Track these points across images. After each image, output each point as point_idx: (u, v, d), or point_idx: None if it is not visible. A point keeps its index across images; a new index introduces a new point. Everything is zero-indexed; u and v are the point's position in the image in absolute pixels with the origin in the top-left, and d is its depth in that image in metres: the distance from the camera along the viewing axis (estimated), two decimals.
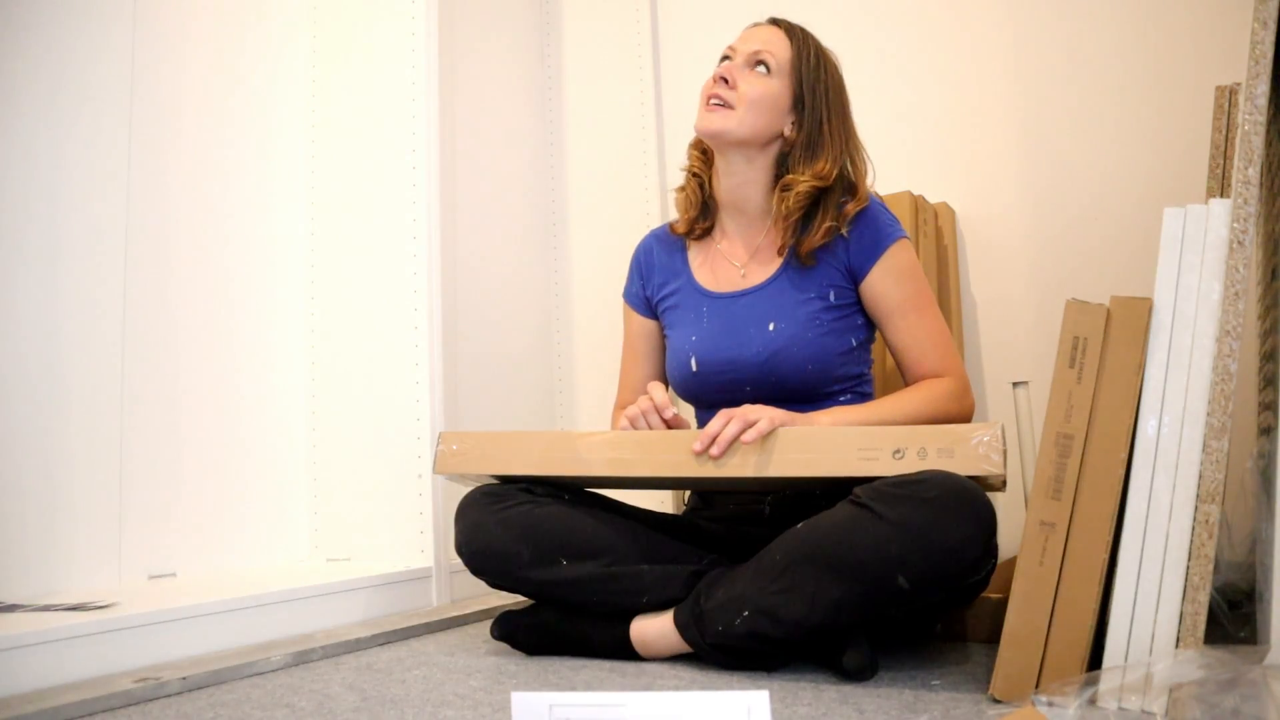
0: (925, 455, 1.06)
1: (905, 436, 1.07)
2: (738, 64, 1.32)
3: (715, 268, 1.39)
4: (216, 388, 1.65)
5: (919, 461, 1.06)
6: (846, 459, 1.10)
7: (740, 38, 1.36)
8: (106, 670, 1.12)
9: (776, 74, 1.31)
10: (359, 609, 1.48)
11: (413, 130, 1.72)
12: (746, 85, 1.30)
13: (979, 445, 1.04)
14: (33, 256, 1.39)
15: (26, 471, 1.35)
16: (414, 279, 1.68)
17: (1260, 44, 0.95)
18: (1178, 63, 1.63)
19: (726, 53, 1.35)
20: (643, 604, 1.20)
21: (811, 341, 1.29)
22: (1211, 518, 0.89)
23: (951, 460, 1.05)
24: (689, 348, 1.36)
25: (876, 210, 1.32)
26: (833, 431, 1.14)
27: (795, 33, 1.35)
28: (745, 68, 1.32)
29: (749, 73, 1.31)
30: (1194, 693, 0.80)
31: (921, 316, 1.29)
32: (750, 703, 0.65)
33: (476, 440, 1.29)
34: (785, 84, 1.31)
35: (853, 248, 1.30)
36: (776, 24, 1.36)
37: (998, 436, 1.04)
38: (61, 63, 1.44)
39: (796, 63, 1.32)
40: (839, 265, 1.31)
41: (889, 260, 1.29)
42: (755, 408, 1.17)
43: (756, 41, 1.33)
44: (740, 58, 1.32)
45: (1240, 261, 0.92)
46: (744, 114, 1.30)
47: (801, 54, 1.33)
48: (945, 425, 1.08)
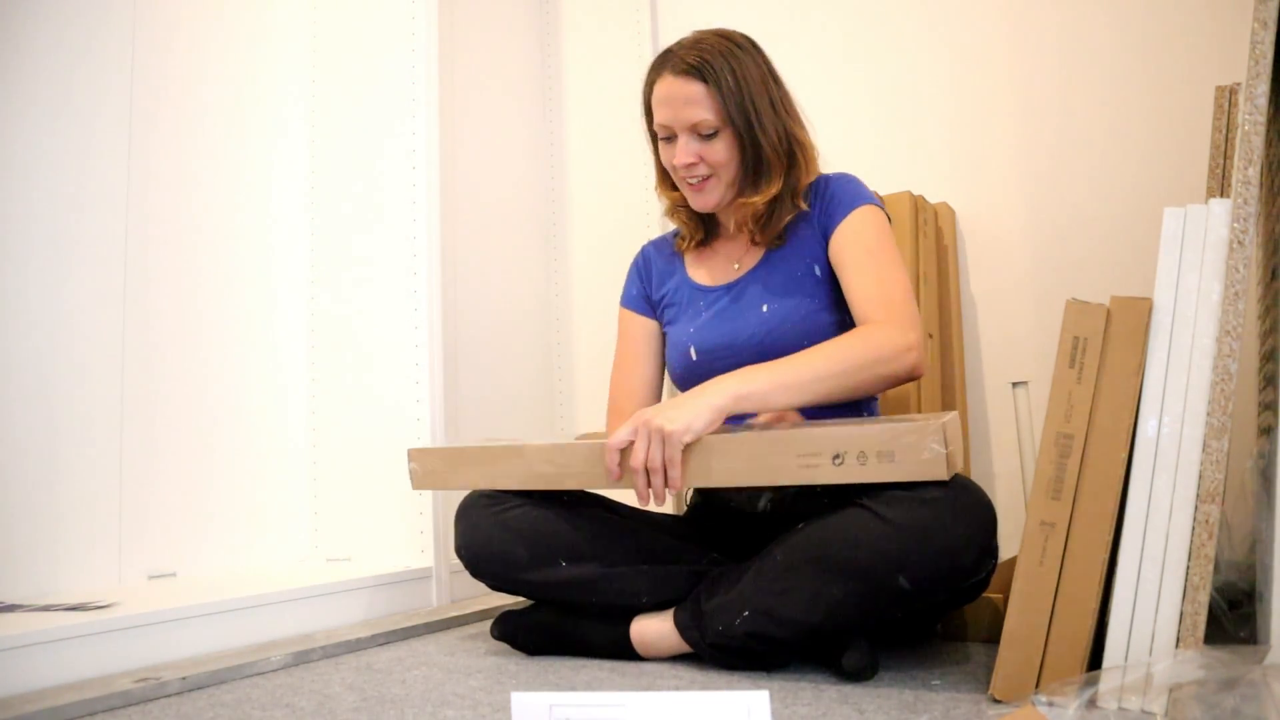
0: (865, 460, 1.01)
1: (844, 440, 1.02)
2: (684, 140, 1.29)
3: (710, 266, 1.41)
4: (217, 388, 1.65)
5: (859, 467, 1.01)
6: (786, 467, 1.05)
7: (663, 108, 1.29)
8: (106, 670, 1.12)
9: (718, 129, 1.28)
10: (359, 609, 1.48)
11: (413, 131, 1.72)
12: (708, 153, 1.28)
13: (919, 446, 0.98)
14: (34, 257, 1.39)
15: (27, 471, 1.35)
16: (414, 279, 1.68)
17: (1260, 44, 0.95)
18: (1177, 63, 1.63)
19: (663, 129, 1.31)
20: (643, 604, 1.21)
21: (806, 317, 1.29)
22: (1211, 518, 0.89)
23: (893, 464, 1.00)
24: (687, 339, 1.36)
25: (849, 180, 1.34)
26: (769, 438, 1.07)
27: (710, 72, 1.26)
28: (693, 139, 1.29)
29: (699, 143, 1.29)
30: (1194, 693, 0.80)
31: (875, 264, 1.25)
32: (750, 703, 0.65)
33: (442, 456, 1.30)
34: (728, 132, 1.28)
35: (825, 210, 1.32)
36: (692, 75, 1.27)
37: (940, 437, 0.98)
38: (62, 64, 1.44)
39: (723, 107, 1.26)
40: (814, 233, 1.32)
41: (854, 218, 1.29)
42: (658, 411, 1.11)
43: (683, 111, 1.27)
44: (682, 132, 1.28)
45: (1240, 261, 0.92)
46: (723, 176, 1.30)
47: (722, 92, 1.26)
48: (884, 426, 1.02)
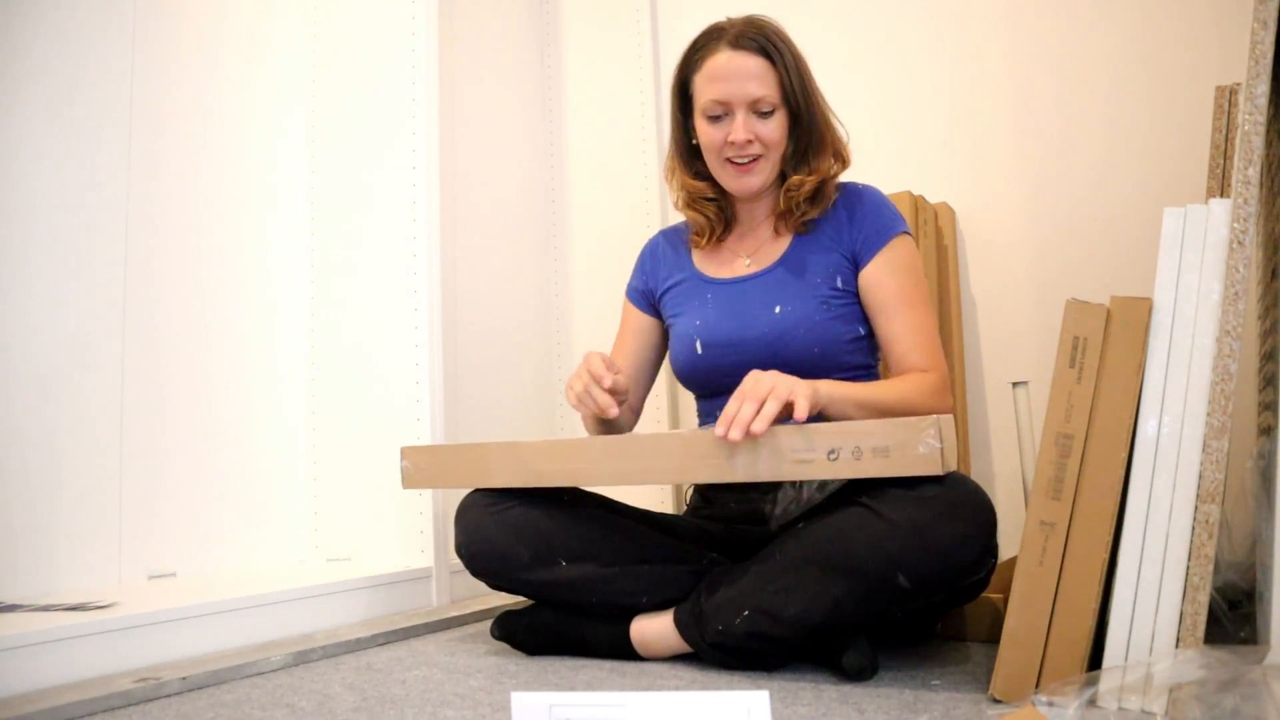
0: (860, 455, 1.01)
1: (839, 435, 1.02)
2: (743, 116, 1.27)
3: (720, 260, 1.40)
4: (217, 388, 1.65)
5: (854, 462, 1.01)
6: (781, 462, 1.05)
7: (720, 83, 1.27)
8: (106, 670, 1.12)
9: (775, 108, 1.28)
10: (359, 609, 1.48)
11: (412, 131, 1.72)
12: (763, 131, 1.27)
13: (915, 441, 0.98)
14: (35, 258, 1.39)
15: (27, 472, 1.35)
16: (414, 279, 1.68)
17: (1260, 44, 0.95)
18: (1177, 63, 1.63)
19: (717, 105, 1.27)
20: (642, 604, 1.21)
21: (819, 325, 1.28)
22: (1211, 518, 0.89)
23: (888, 459, 0.99)
24: (693, 331, 1.35)
25: (882, 200, 1.34)
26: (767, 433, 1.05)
27: (771, 49, 1.27)
28: (750, 115, 1.27)
29: (756, 120, 1.27)
30: (1194, 693, 0.80)
31: (915, 311, 1.27)
32: (750, 703, 0.65)
33: (436, 454, 1.30)
34: (783, 111, 1.29)
35: (858, 234, 1.30)
36: (754, 49, 1.26)
37: (934, 431, 0.98)
38: (63, 65, 1.44)
39: (786, 84, 1.27)
40: (843, 250, 1.31)
41: (891, 251, 1.29)
42: (766, 379, 1.07)
43: (747, 84, 1.26)
44: (740, 108, 1.27)
45: (1240, 261, 0.92)
46: (772, 156, 1.30)
47: (787, 71, 1.27)
48: (879, 422, 1.02)
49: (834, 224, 1.32)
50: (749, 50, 1.27)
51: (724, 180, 1.33)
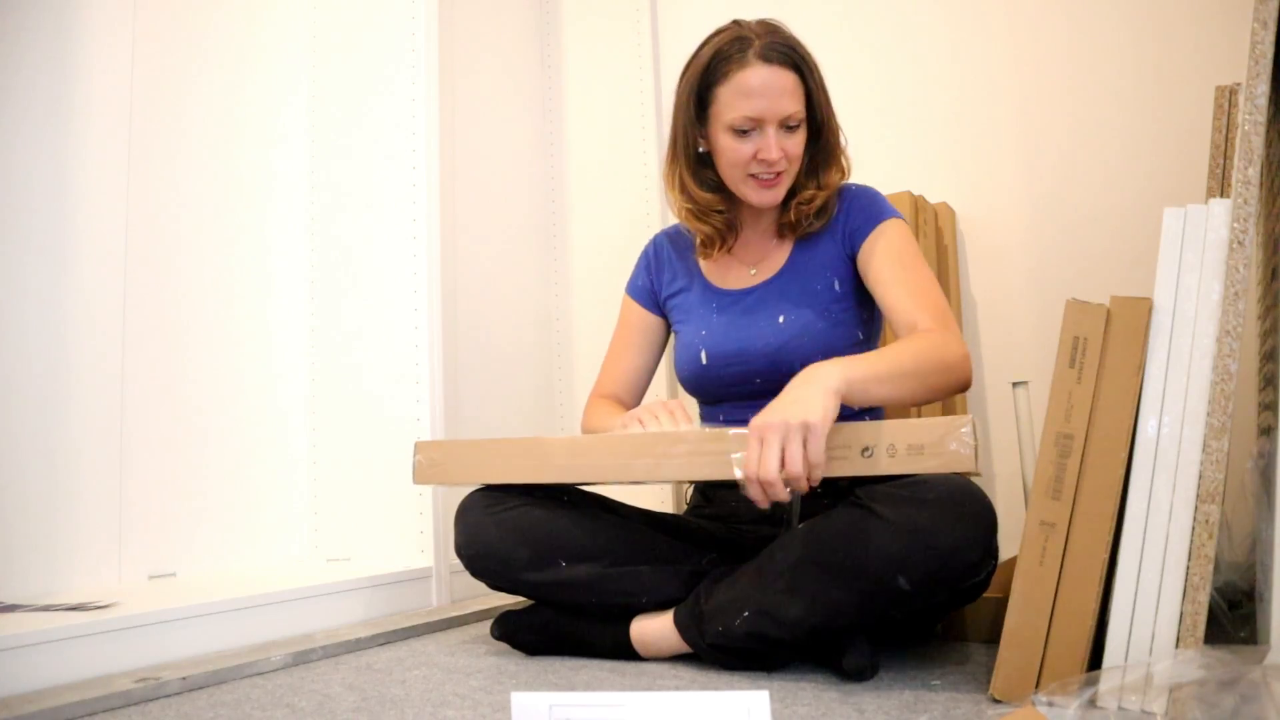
0: (895, 453, 1.01)
1: (873, 433, 1.02)
2: (774, 133, 1.25)
3: (726, 268, 1.41)
4: (216, 388, 1.65)
5: (888, 459, 1.01)
6: None
7: (756, 99, 1.23)
8: (106, 670, 1.12)
9: (802, 122, 1.28)
10: (359, 609, 1.48)
11: (413, 131, 1.72)
12: (789, 146, 1.27)
13: (948, 439, 0.99)
14: (35, 257, 1.39)
15: (27, 472, 1.35)
16: (414, 279, 1.68)
17: (1260, 44, 0.95)
18: (1178, 63, 1.63)
19: (749, 121, 1.25)
20: (642, 604, 1.21)
21: (822, 332, 1.29)
22: (1211, 518, 0.89)
23: (921, 457, 1.00)
24: (699, 341, 1.36)
25: (875, 194, 1.35)
26: None
27: (801, 63, 1.26)
28: (779, 131, 1.26)
29: (784, 136, 1.26)
30: (1194, 693, 0.80)
31: (912, 274, 1.25)
32: (750, 703, 0.65)
33: (451, 449, 1.29)
34: (804, 125, 1.29)
35: (850, 222, 1.32)
36: (786, 63, 1.25)
37: (969, 430, 0.98)
38: (64, 64, 1.44)
39: (813, 98, 1.28)
40: (837, 246, 1.32)
41: (883, 230, 1.30)
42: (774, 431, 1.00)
43: (782, 100, 1.24)
44: (773, 124, 1.25)
45: (1240, 261, 0.92)
46: (792, 170, 1.30)
47: (813, 84, 1.27)
48: (912, 420, 1.03)
49: (830, 223, 1.34)
50: (781, 65, 1.25)
51: (745, 194, 1.31)
